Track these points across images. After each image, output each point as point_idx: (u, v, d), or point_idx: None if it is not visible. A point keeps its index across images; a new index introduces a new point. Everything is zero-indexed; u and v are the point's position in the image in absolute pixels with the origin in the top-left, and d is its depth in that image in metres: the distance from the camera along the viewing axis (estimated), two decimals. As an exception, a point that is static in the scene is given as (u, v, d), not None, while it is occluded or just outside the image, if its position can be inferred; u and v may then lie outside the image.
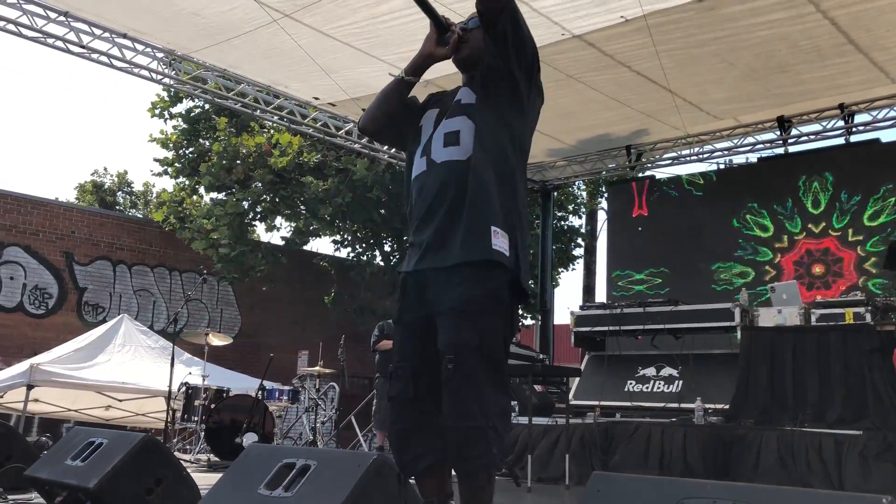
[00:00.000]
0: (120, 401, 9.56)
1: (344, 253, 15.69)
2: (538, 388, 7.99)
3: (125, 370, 9.26)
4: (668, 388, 6.83)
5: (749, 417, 5.58)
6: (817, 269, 8.33)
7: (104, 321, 12.01)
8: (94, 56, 7.44)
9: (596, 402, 6.82)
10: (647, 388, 6.91)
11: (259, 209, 14.22)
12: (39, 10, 6.98)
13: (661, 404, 6.66)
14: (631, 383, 7.00)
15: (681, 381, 6.79)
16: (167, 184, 17.88)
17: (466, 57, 2.61)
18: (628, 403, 6.86)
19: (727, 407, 5.90)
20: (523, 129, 2.56)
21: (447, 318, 2.38)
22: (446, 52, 2.59)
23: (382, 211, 14.12)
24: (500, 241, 2.38)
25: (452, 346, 2.33)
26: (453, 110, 2.54)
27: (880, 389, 5.24)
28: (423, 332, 2.45)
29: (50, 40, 7.15)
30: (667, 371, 6.90)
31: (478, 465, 2.34)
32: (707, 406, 5.95)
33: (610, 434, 5.88)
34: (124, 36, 7.45)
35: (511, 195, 2.46)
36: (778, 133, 8.48)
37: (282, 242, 14.90)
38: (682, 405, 6.39)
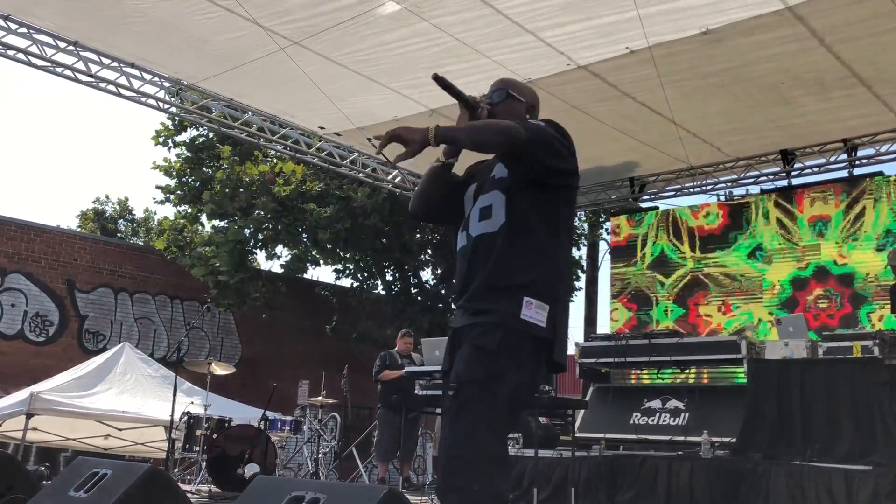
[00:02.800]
0: (119, 430, 9.48)
1: (345, 282, 15.69)
2: (542, 419, 7.93)
3: (125, 399, 9.20)
4: (674, 420, 6.77)
5: (757, 451, 5.53)
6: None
7: (105, 349, 11.98)
8: (102, 85, 7.48)
9: (601, 435, 6.76)
10: (653, 420, 6.85)
11: (261, 237, 14.24)
12: (49, 40, 7.03)
13: (668, 437, 6.60)
14: (636, 416, 6.94)
15: (687, 414, 6.73)
16: (168, 211, 17.93)
17: None
18: (634, 436, 6.79)
19: (734, 440, 5.84)
20: (561, 203, 2.59)
21: (464, 350, 2.41)
22: None
23: (384, 240, 14.13)
24: (532, 313, 2.40)
25: (458, 376, 2.36)
26: (488, 185, 2.61)
27: (889, 424, 5.19)
28: None
29: (59, 69, 7.19)
30: (673, 403, 6.84)
31: (460, 499, 2.24)
32: (714, 439, 5.90)
33: (616, 467, 5.82)
34: (132, 65, 7.50)
35: (548, 268, 2.48)
36: (781, 165, 8.51)
37: (281, 270, 14.89)
38: (689, 438, 6.33)
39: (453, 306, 2.93)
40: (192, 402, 8.16)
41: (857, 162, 8.14)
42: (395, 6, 5.87)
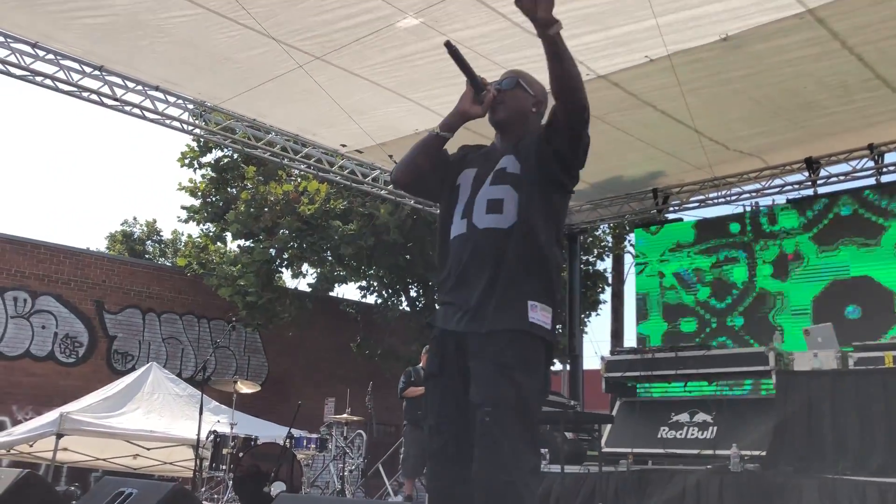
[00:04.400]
0: (148, 449, 9.54)
1: (370, 299, 15.71)
2: (569, 435, 7.85)
3: (153, 418, 9.27)
4: (702, 434, 6.66)
5: (788, 464, 5.42)
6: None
7: (133, 369, 12.08)
8: (128, 108, 7.59)
9: (629, 450, 6.67)
10: (681, 434, 6.74)
11: (286, 255, 14.32)
12: (75, 65, 7.15)
13: (696, 451, 6.48)
14: (664, 429, 6.83)
15: (715, 427, 6.62)
16: (193, 230, 18.14)
17: (502, 119, 2.65)
18: (662, 450, 6.69)
19: (764, 453, 5.73)
20: (564, 205, 2.63)
21: (485, 371, 2.38)
22: (481, 111, 2.63)
23: (408, 256, 14.15)
24: (538, 315, 2.41)
25: (490, 399, 2.33)
26: (497, 177, 2.57)
27: (924, 435, 5.06)
28: (462, 386, 2.44)
29: (85, 94, 7.31)
30: (700, 417, 6.74)
31: None
32: (743, 452, 5.79)
33: (644, 482, 5.73)
34: (157, 88, 7.61)
35: (552, 269, 2.50)
36: (807, 174, 8.40)
37: (308, 289, 14.95)
38: (718, 452, 6.22)
39: (436, 297, 2.86)
40: (219, 421, 8.19)
41: (885, 169, 8.01)
42: (414, 20, 5.90)
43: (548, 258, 2.48)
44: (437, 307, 2.67)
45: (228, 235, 15.05)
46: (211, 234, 15.34)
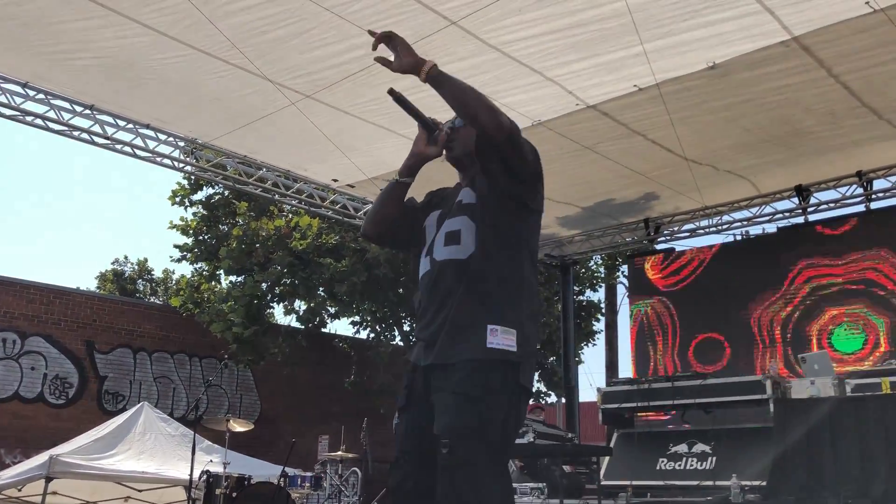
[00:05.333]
0: (140, 491, 9.36)
1: (363, 335, 15.62)
2: (566, 468, 7.77)
3: (145, 459, 9.10)
4: (701, 465, 6.60)
5: (789, 494, 5.36)
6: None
7: (124, 409, 11.91)
8: (119, 147, 7.60)
9: (627, 482, 6.60)
10: (680, 465, 6.68)
11: (278, 291, 14.25)
12: (66, 105, 7.17)
13: (696, 482, 6.43)
14: (663, 461, 6.78)
15: (714, 458, 6.57)
16: (186, 269, 18.07)
17: (458, 155, 2.64)
18: (661, 482, 6.63)
19: (764, 483, 5.68)
20: (527, 228, 2.56)
21: (445, 401, 2.30)
22: (436, 151, 2.63)
23: (400, 290, 14.10)
24: (499, 340, 2.33)
25: (450, 429, 2.24)
26: (455, 210, 2.56)
27: (925, 461, 5.02)
28: (428, 421, 2.35)
29: (76, 133, 7.32)
30: (699, 447, 6.68)
31: None
32: (744, 483, 5.74)
33: (644, 515, 5.66)
34: (147, 126, 7.62)
35: (516, 293, 2.43)
36: (797, 202, 8.44)
37: (301, 326, 14.85)
38: (718, 482, 6.16)
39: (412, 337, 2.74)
40: (212, 461, 8.06)
41: (874, 196, 8.06)
42: (404, 56, 5.93)
43: (511, 280, 2.43)
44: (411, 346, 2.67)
45: (222, 274, 14.98)
46: (205, 273, 15.27)
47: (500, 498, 2.25)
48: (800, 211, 8.51)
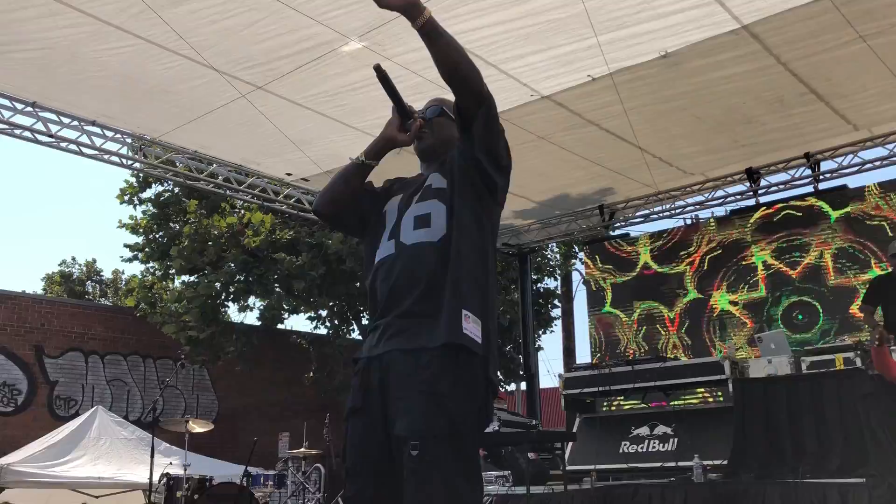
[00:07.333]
0: (97, 497, 9.17)
1: (322, 330, 15.50)
2: (531, 455, 7.81)
3: (101, 465, 8.94)
4: (663, 446, 6.70)
5: (749, 472, 5.47)
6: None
7: (77, 414, 11.64)
8: (63, 145, 7.37)
9: (591, 466, 6.66)
10: (643, 448, 6.77)
11: (232, 289, 14.05)
12: (6, 102, 6.92)
13: (658, 464, 6.52)
14: (625, 444, 6.86)
15: (676, 439, 6.67)
16: (137, 270, 17.71)
17: (428, 146, 2.58)
18: (624, 465, 6.70)
19: (725, 462, 5.78)
20: (495, 213, 2.50)
21: (412, 400, 2.16)
22: (407, 139, 2.55)
23: (357, 284, 14.02)
24: (470, 327, 2.23)
25: (418, 432, 2.10)
26: (424, 194, 2.47)
27: (879, 434, 5.16)
28: (383, 422, 2.22)
29: (17, 131, 7.08)
30: (661, 429, 6.78)
31: None
32: (705, 462, 5.83)
33: (609, 499, 5.71)
34: (93, 123, 7.41)
35: (483, 280, 2.35)
36: (748, 185, 8.60)
37: (257, 322, 14.68)
38: (680, 463, 6.26)
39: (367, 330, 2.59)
40: (171, 463, 7.94)
41: (822, 176, 8.25)
42: (358, 44, 5.87)
43: (479, 268, 2.35)
44: (364, 340, 2.46)
45: (173, 272, 14.70)
46: (157, 272, 14.97)
47: (473, 498, 2.15)
48: (751, 193, 8.67)
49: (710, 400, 7.39)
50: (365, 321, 15.10)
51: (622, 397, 7.63)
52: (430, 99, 2.70)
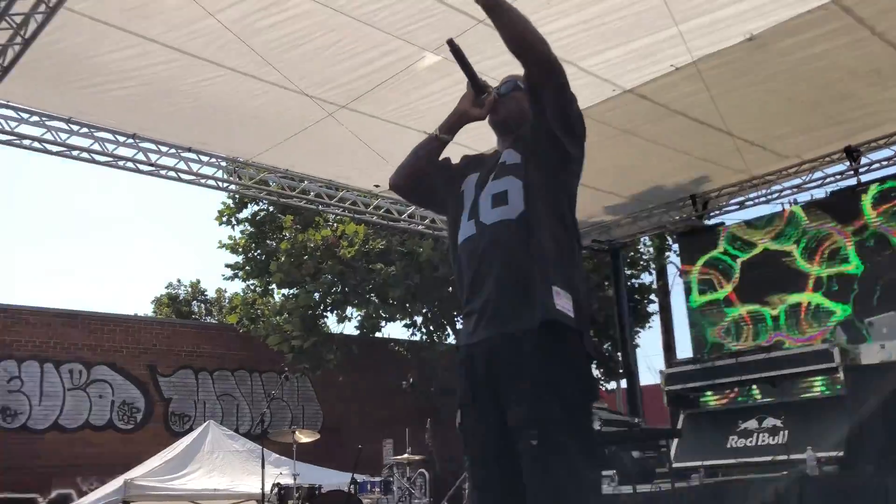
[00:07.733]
0: (214, 508, 9.55)
1: (418, 336, 15.68)
2: (635, 454, 7.68)
3: (216, 477, 9.30)
4: (773, 439, 6.45)
5: (868, 462, 5.23)
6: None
7: (191, 429, 12.17)
8: (163, 172, 7.73)
9: (699, 463, 6.48)
10: (752, 441, 6.53)
11: (329, 300, 14.39)
12: (109, 136, 7.32)
13: (769, 457, 6.29)
14: (733, 438, 6.64)
15: (786, 431, 6.41)
16: (238, 287, 18.34)
17: (502, 119, 2.58)
18: (734, 460, 6.49)
19: (840, 454, 5.53)
20: (571, 184, 2.47)
21: (523, 389, 2.18)
22: (482, 113, 2.58)
23: (449, 289, 14.12)
24: (562, 302, 2.22)
25: (535, 420, 2.12)
26: (499, 171, 2.46)
27: None
28: (495, 412, 2.25)
29: (121, 163, 7.47)
30: (770, 421, 6.53)
31: None
32: (819, 454, 5.60)
33: (721, 495, 5.57)
34: (189, 149, 7.74)
35: (569, 254, 2.33)
36: (847, 164, 8.21)
37: (356, 332, 14.97)
38: (792, 456, 6.02)
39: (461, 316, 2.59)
40: (281, 473, 8.19)
41: (928, 149, 7.81)
42: (435, 58, 5.94)
43: (563, 240, 2.33)
44: (460, 327, 2.46)
45: (274, 288, 15.20)
46: (257, 289, 15.52)
47: (592, 486, 2.20)
48: (851, 173, 8.28)
49: (822, 389, 7.09)
50: (459, 325, 15.20)
51: (729, 390, 7.40)
52: (506, 76, 2.71)
